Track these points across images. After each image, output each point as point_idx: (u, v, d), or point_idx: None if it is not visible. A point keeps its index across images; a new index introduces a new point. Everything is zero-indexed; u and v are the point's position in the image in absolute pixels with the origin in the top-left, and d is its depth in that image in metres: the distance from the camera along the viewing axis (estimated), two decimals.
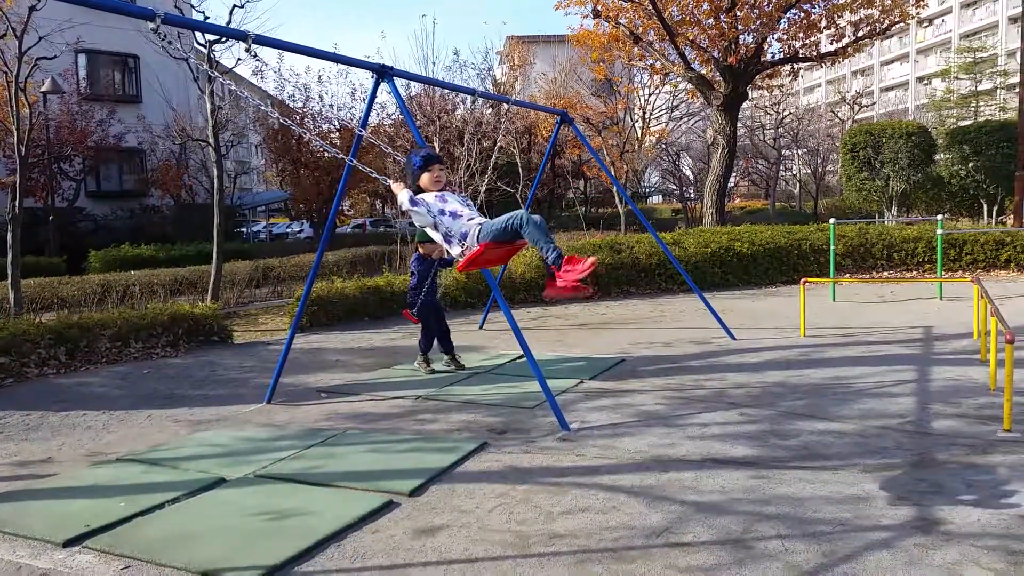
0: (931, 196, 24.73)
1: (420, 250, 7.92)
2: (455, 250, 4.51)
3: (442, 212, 4.53)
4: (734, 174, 34.36)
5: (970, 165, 24.03)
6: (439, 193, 4.66)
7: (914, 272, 14.83)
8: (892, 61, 68.09)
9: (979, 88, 39.99)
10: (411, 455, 5.14)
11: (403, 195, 4.64)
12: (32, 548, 3.87)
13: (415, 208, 4.57)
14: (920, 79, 62.42)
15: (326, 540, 3.82)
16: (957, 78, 40.57)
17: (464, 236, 4.45)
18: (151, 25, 4.89)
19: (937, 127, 32.29)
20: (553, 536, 3.82)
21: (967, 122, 32.91)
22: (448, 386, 7.20)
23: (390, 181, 5.02)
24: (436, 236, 4.63)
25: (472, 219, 4.50)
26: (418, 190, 4.85)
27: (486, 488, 4.49)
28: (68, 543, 3.88)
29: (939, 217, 12.85)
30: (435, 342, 8.00)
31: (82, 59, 26.12)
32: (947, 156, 25.27)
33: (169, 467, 5.06)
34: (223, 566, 3.55)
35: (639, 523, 3.94)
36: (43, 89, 19.58)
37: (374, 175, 5.78)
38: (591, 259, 4.19)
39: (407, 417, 6.19)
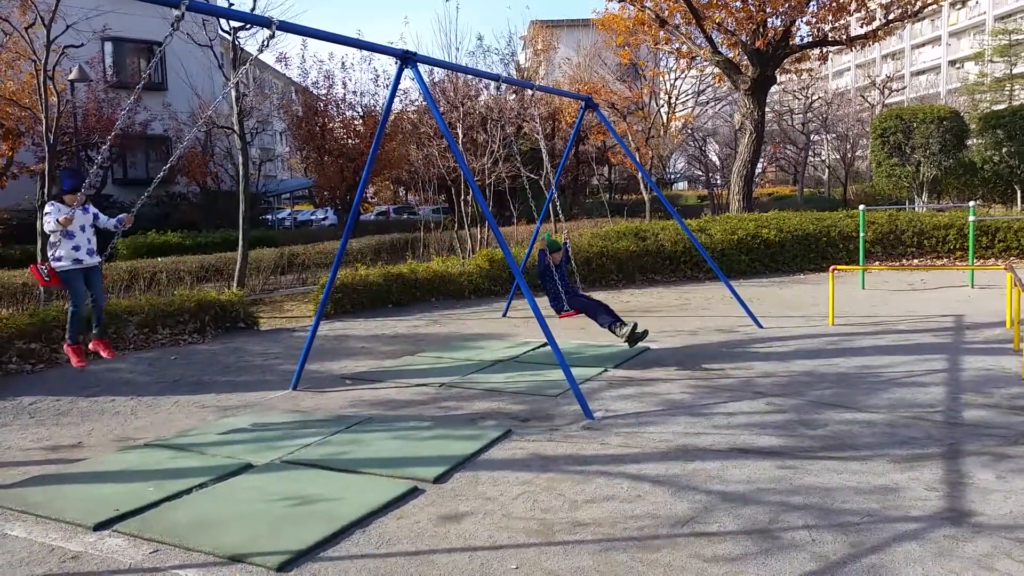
0: (963, 182, 24.27)
1: (548, 259, 7.98)
2: (51, 253, 5.69)
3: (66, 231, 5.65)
4: (762, 160, 33.99)
5: (1004, 151, 23.53)
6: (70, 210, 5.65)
7: (945, 260, 14.59)
8: (923, 44, 66.79)
9: (1014, 71, 39.11)
10: (435, 442, 5.15)
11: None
12: (64, 531, 3.93)
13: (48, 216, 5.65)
14: (952, 62, 61.17)
15: (351, 526, 3.84)
16: (991, 61, 39.74)
17: (57, 259, 5.65)
18: (176, 12, 4.90)
19: (970, 111, 31.68)
20: (577, 524, 3.81)
21: (1001, 106, 32.25)
22: (472, 374, 7.21)
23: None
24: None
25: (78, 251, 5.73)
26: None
27: (510, 476, 4.49)
28: (99, 527, 3.93)
29: (971, 204, 12.60)
30: (606, 314, 7.88)
31: (108, 47, 26.33)
32: (980, 141, 24.76)
33: (196, 452, 5.12)
34: (249, 550, 3.58)
35: (664, 512, 3.91)
36: (70, 77, 19.75)
37: None
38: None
39: (431, 404, 6.21)
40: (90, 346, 6.20)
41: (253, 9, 12.75)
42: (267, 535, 3.75)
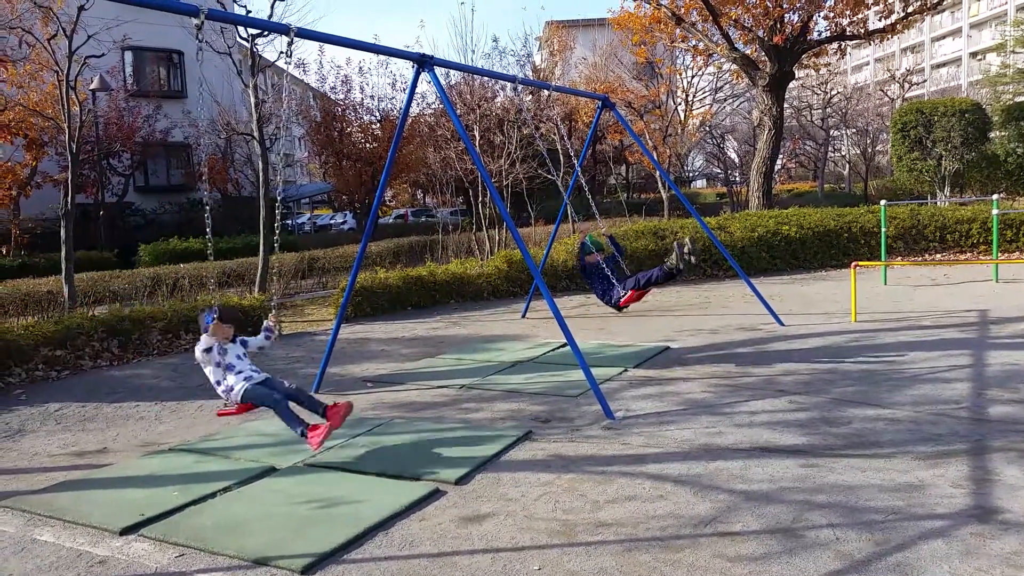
0: (986, 175, 23.95)
1: (587, 259, 7.93)
2: (220, 388, 5.01)
3: (218, 364, 4.99)
4: (781, 156, 33.75)
5: None
6: (222, 346, 5.07)
7: (968, 254, 14.41)
8: (944, 37, 66.03)
9: None
10: (456, 444, 5.16)
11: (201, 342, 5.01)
12: (91, 536, 3.98)
13: (204, 356, 4.97)
14: (973, 54, 60.38)
15: (374, 528, 3.86)
16: (1013, 52, 39.10)
17: (229, 389, 4.95)
18: (195, 21, 4.95)
19: (992, 103, 31.23)
20: (599, 525, 3.80)
21: None
22: (492, 375, 7.22)
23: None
24: (212, 374, 5.05)
25: (241, 374, 5.02)
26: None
27: (531, 477, 4.49)
28: (125, 531, 3.98)
29: (994, 197, 12.44)
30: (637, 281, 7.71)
31: (128, 56, 26.64)
32: (1003, 133, 24.43)
33: (220, 456, 5.16)
34: (274, 553, 3.61)
35: (687, 512, 3.90)
36: (92, 87, 20.02)
37: None
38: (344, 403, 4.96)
39: (452, 406, 6.22)
40: (328, 421, 4.92)
41: (270, 16, 12.85)
42: (291, 538, 3.78)
